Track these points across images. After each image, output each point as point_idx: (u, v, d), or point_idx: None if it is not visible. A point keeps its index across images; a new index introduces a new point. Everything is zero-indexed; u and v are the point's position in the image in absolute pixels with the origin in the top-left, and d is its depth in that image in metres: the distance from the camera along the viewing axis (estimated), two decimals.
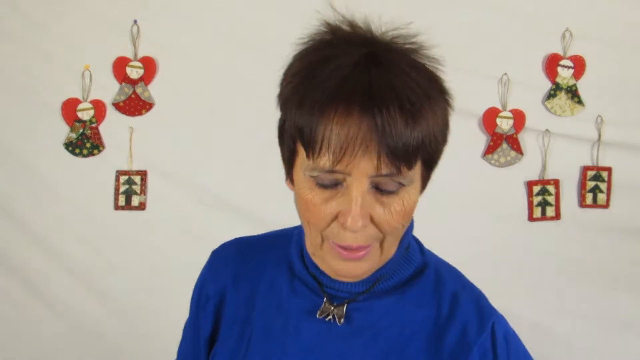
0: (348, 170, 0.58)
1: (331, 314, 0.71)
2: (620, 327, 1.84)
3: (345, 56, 0.59)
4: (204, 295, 0.79)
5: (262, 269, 0.78)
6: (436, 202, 1.83)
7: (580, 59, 1.83)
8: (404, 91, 0.57)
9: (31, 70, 1.80)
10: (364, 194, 0.59)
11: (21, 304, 1.82)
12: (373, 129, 0.56)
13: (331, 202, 0.61)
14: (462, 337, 0.69)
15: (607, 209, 1.83)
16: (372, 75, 0.57)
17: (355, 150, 0.56)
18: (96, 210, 1.82)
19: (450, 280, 0.74)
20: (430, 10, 1.81)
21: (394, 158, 0.57)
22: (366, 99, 0.56)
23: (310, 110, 0.58)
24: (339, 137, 0.56)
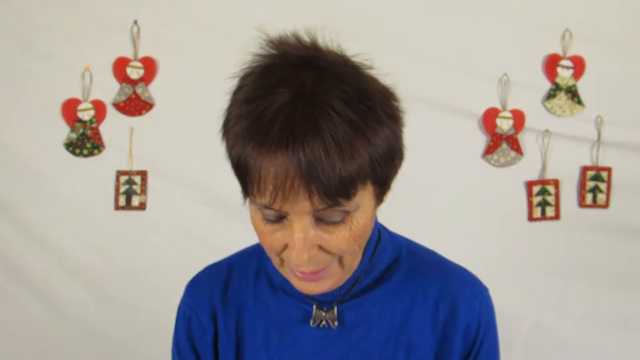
0: (285, 210, 0.59)
1: (324, 320, 0.72)
2: (620, 327, 1.84)
3: (278, 89, 0.58)
4: (198, 327, 0.78)
5: (244, 287, 0.78)
6: (436, 202, 1.84)
7: (580, 59, 1.83)
8: (330, 130, 0.56)
9: (31, 70, 1.80)
10: (307, 228, 0.60)
11: (21, 304, 1.82)
12: (299, 170, 0.56)
13: (279, 233, 0.62)
14: (452, 311, 0.73)
15: (607, 209, 1.83)
16: (297, 117, 0.56)
17: (286, 192, 0.57)
18: (96, 210, 1.82)
19: (429, 259, 0.77)
20: (430, 11, 1.81)
21: (326, 195, 0.57)
22: (291, 141, 0.55)
23: (241, 151, 0.58)
24: (269, 179, 0.57)
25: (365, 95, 0.60)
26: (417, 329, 0.73)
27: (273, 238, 0.62)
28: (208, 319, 0.77)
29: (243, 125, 0.58)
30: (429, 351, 0.73)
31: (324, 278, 0.65)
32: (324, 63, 0.60)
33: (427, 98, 1.80)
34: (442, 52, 1.80)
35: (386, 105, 0.62)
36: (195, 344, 0.79)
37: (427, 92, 1.81)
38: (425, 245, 0.81)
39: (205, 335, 0.77)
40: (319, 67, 0.59)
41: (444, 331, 0.73)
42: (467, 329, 0.73)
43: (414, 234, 1.72)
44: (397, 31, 1.80)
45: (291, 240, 0.61)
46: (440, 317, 0.73)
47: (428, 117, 1.81)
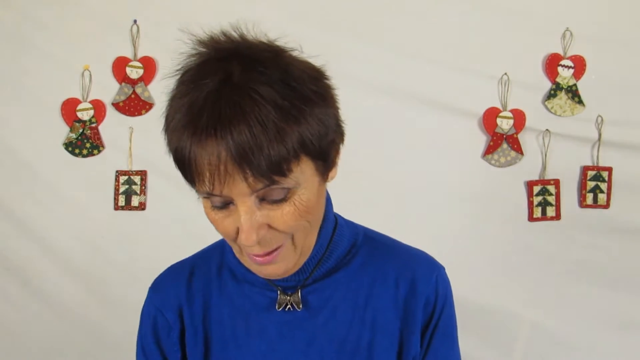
0: (226, 194, 0.61)
1: (289, 303, 0.75)
2: (620, 327, 1.83)
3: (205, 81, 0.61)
4: (164, 325, 0.79)
5: (208, 282, 0.79)
6: (436, 202, 1.84)
7: (581, 59, 1.83)
8: (254, 113, 0.59)
9: (31, 70, 1.80)
10: (251, 209, 0.62)
11: (21, 304, 1.82)
12: (229, 154, 0.58)
13: (229, 219, 0.64)
14: (411, 287, 0.76)
15: (608, 209, 1.83)
16: (222, 104, 0.59)
17: (222, 177, 0.59)
18: (96, 210, 1.82)
19: (386, 242, 0.81)
20: (430, 11, 1.81)
21: (260, 175, 0.59)
22: (219, 127, 0.58)
23: (176, 142, 0.61)
24: (204, 167, 0.60)
25: (290, 76, 0.62)
26: (380, 308, 0.76)
27: (225, 225, 0.65)
28: (174, 316, 0.79)
29: (176, 119, 0.62)
30: (394, 328, 0.76)
31: (279, 259, 0.67)
32: (248, 52, 0.63)
33: (427, 98, 1.80)
34: (442, 52, 1.80)
35: (314, 85, 0.64)
36: (161, 343, 0.79)
37: (427, 92, 1.80)
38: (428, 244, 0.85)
39: (172, 332, 0.79)
40: (243, 57, 0.62)
41: (406, 307, 0.76)
42: (427, 301, 0.76)
43: (414, 233, 1.72)
44: (397, 31, 1.80)
45: (238, 224, 0.63)
46: (400, 295, 0.76)
47: (428, 117, 1.81)
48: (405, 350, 0.76)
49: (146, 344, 0.80)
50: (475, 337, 1.81)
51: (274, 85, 0.60)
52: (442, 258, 0.95)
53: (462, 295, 1.77)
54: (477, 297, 1.81)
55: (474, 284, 1.81)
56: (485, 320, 1.82)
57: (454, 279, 0.82)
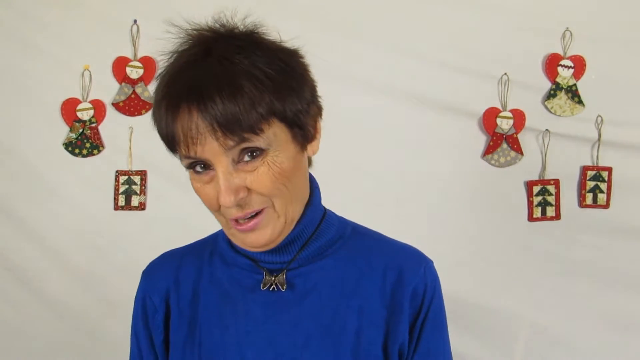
0: (203, 156, 0.66)
1: (274, 284, 0.77)
2: (620, 327, 1.83)
3: (182, 59, 0.69)
4: (151, 307, 0.82)
5: (198, 269, 0.82)
6: (436, 202, 1.83)
7: (581, 59, 1.83)
8: (225, 77, 0.64)
9: (31, 70, 1.80)
10: (227, 170, 0.66)
11: (21, 304, 1.81)
12: (199, 114, 0.64)
13: (209, 185, 0.69)
14: (398, 278, 0.78)
15: (608, 209, 1.83)
16: (192, 71, 0.66)
17: (194, 137, 0.64)
18: (96, 210, 1.82)
19: (374, 236, 0.83)
20: (431, 11, 1.81)
21: (229, 131, 0.64)
22: (190, 92, 0.64)
23: (157, 111, 0.68)
24: (178, 130, 0.65)
25: (264, 50, 0.68)
26: (366, 297, 0.77)
27: (207, 192, 0.69)
28: (159, 299, 0.82)
29: (156, 96, 0.69)
30: (380, 317, 0.76)
31: (262, 226, 0.70)
32: (227, 33, 0.70)
33: (427, 98, 1.80)
34: (442, 52, 1.80)
35: (287, 58, 0.69)
36: (149, 325, 0.83)
37: (427, 92, 1.80)
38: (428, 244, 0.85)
39: (157, 314, 0.82)
40: (222, 36, 0.69)
41: (392, 296, 0.77)
42: (414, 292, 0.77)
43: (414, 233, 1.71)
44: (397, 31, 1.80)
45: (217, 187, 0.67)
46: (387, 285, 0.77)
47: (428, 117, 1.81)
48: (392, 338, 0.76)
49: (137, 326, 0.84)
50: (475, 337, 1.81)
51: (248, 56, 0.66)
52: (442, 258, 0.95)
53: (462, 295, 1.79)
54: (477, 297, 1.81)
55: (473, 283, 1.81)
56: (485, 320, 1.82)
57: (454, 279, 0.82)
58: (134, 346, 0.85)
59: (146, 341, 0.83)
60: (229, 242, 0.81)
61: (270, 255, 0.77)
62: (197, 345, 0.78)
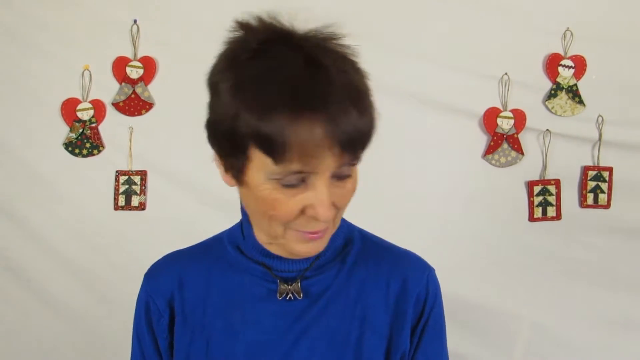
0: (311, 170, 0.62)
1: (290, 292, 0.76)
2: (620, 327, 1.83)
3: (287, 62, 0.62)
4: (155, 312, 0.80)
5: (205, 274, 0.80)
6: (436, 202, 1.83)
7: (581, 59, 1.82)
8: (351, 87, 0.63)
9: (31, 70, 1.80)
10: (329, 186, 0.65)
11: (21, 304, 1.81)
12: (327, 130, 0.60)
13: (297, 198, 0.65)
14: (402, 286, 0.78)
15: (608, 209, 1.83)
16: (316, 81, 0.61)
17: (315, 152, 0.61)
18: (96, 210, 1.82)
19: (379, 242, 0.83)
20: (431, 11, 1.81)
21: (353, 149, 0.63)
22: (324, 102, 0.60)
23: (273, 120, 0.60)
24: (305, 141, 0.60)
25: (355, 64, 0.66)
26: (370, 304, 0.77)
27: (290, 204, 0.65)
28: (164, 304, 0.79)
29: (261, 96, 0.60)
30: (383, 324, 0.77)
31: (323, 237, 0.70)
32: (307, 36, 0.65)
33: (427, 98, 1.80)
34: (443, 52, 1.80)
35: (367, 76, 0.68)
36: (153, 328, 0.81)
37: (428, 92, 1.80)
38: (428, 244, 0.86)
39: (162, 319, 0.80)
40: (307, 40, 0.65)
41: (397, 304, 0.78)
42: (417, 299, 0.78)
43: (414, 233, 1.71)
44: (397, 31, 1.80)
45: (313, 200, 0.64)
46: (391, 293, 0.78)
47: (428, 117, 1.81)
48: (394, 346, 0.77)
49: (140, 329, 0.82)
50: (475, 337, 1.81)
51: (351, 66, 0.65)
52: (442, 258, 0.95)
53: (463, 295, 1.79)
54: (477, 297, 1.81)
55: (474, 283, 1.81)
56: (485, 320, 1.82)
57: (454, 279, 0.82)
58: (136, 349, 0.83)
59: (150, 345, 0.81)
60: (237, 248, 0.79)
61: (288, 263, 0.76)
62: (202, 352, 0.77)
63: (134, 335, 0.83)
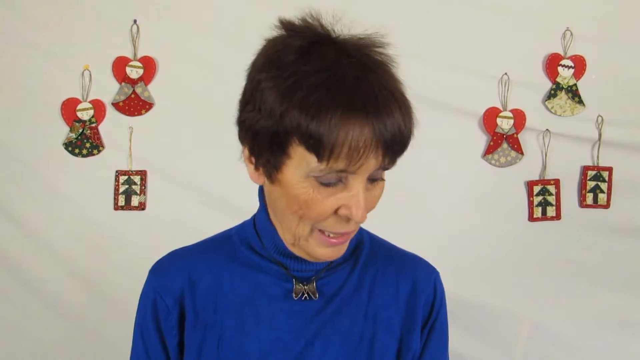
0: (354, 170, 0.63)
1: (306, 293, 0.76)
2: (620, 327, 1.83)
3: (336, 64, 0.63)
4: (163, 309, 0.78)
5: (216, 271, 0.79)
6: (436, 202, 1.83)
7: (581, 59, 1.83)
8: (397, 93, 0.65)
9: (31, 70, 1.80)
10: (365, 187, 0.66)
11: (21, 304, 1.81)
12: (382, 131, 0.62)
13: (332, 197, 0.65)
14: (412, 287, 0.80)
15: (608, 209, 1.83)
16: (369, 85, 0.63)
17: (362, 154, 0.62)
18: (96, 210, 1.82)
19: (387, 245, 0.85)
20: (431, 10, 1.81)
21: (394, 154, 0.65)
22: (374, 104, 0.62)
23: (324, 118, 0.61)
24: (354, 141, 0.61)
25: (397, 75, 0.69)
26: (381, 304, 0.79)
27: (325, 203, 0.65)
28: (173, 301, 0.78)
29: (316, 96, 0.61)
30: (395, 325, 0.78)
31: (345, 242, 0.71)
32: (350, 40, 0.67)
33: (427, 98, 1.80)
34: (442, 52, 1.80)
35: None
36: (161, 326, 0.79)
37: (428, 92, 1.80)
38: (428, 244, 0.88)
39: (170, 316, 0.78)
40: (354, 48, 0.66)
41: (407, 304, 0.79)
42: (426, 301, 0.80)
43: (415, 233, 1.71)
44: (397, 31, 1.79)
45: (349, 200, 0.65)
46: (401, 294, 0.80)
47: (428, 117, 1.80)
48: (405, 347, 0.78)
49: (145, 326, 0.80)
50: (475, 337, 1.81)
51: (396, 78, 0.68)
52: (442, 258, 0.95)
53: (463, 295, 1.79)
54: (477, 297, 1.81)
55: (474, 283, 1.81)
56: (485, 320, 1.82)
57: (454, 279, 0.83)
58: (139, 348, 0.81)
59: (157, 343, 0.80)
60: (250, 246, 0.79)
61: (306, 264, 0.76)
62: (214, 350, 0.76)
63: (136, 334, 0.81)
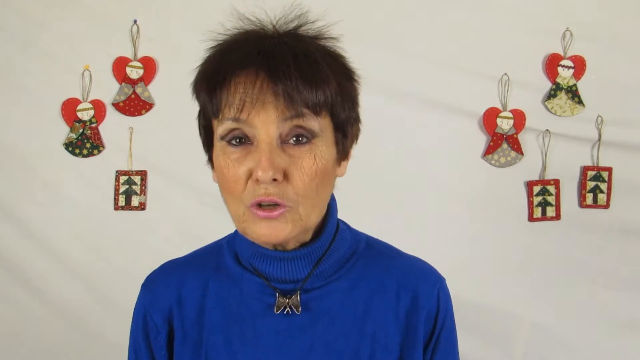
0: (253, 122, 0.62)
1: (288, 306, 0.72)
2: (620, 327, 1.83)
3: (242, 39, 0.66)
4: (152, 328, 0.77)
5: (203, 285, 0.77)
6: (436, 202, 1.83)
7: (581, 59, 1.83)
8: (299, 48, 0.64)
9: (31, 70, 1.80)
10: (273, 146, 0.63)
11: (21, 304, 1.81)
12: (270, 82, 0.62)
13: (243, 161, 0.64)
14: (413, 301, 0.75)
15: (608, 209, 1.83)
16: (265, 44, 0.64)
17: (253, 99, 0.61)
18: (96, 210, 1.82)
19: (387, 252, 0.79)
20: (431, 11, 1.81)
21: (293, 102, 0.62)
22: (260, 59, 0.62)
23: (215, 79, 0.64)
24: (241, 92, 0.62)
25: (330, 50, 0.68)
26: (380, 321, 0.74)
27: (237, 168, 0.64)
28: (161, 320, 0.77)
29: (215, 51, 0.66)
30: (394, 342, 0.73)
31: (282, 219, 0.65)
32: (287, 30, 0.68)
33: (427, 98, 1.80)
34: (442, 52, 1.80)
35: (347, 63, 0.69)
36: (151, 343, 0.78)
37: (428, 92, 1.80)
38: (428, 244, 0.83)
39: (159, 335, 0.77)
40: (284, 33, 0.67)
41: (407, 320, 0.74)
42: (428, 315, 0.75)
43: (414, 233, 1.72)
44: (397, 31, 1.80)
45: (257, 160, 0.63)
46: (402, 308, 0.74)
47: (428, 117, 1.81)
48: None
49: (137, 342, 0.79)
50: (475, 337, 1.81)
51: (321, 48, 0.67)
52: (442, 258, 0.95)
53: (462, 295, 1.78)
54: (477, 297, 1.81)
55: (474, 284, 1.81)
56: (485, 320, 1.82)
57: (454, 279, 0.82)
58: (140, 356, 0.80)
59: (147, 358, 0.79)
60: (235, 257, 0.76)
61: (283, 271, 0.72)
62: None
63: (130, 348, 0.81)
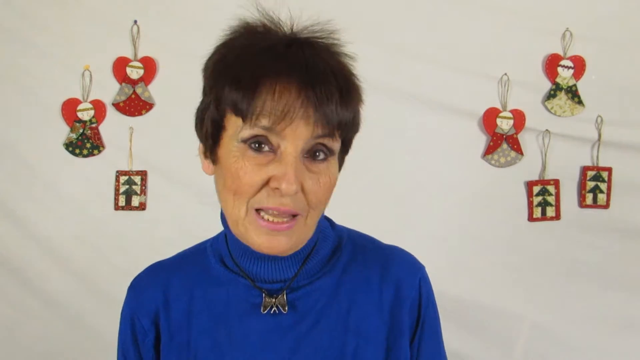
0: (284, 133, 0.62)
1: (274, 306, 0.72)
2: (620, 327, 1.84)
3: (276, 40, 0.64)
4: (140, 330, 0.77)
5: (189, 287, 0.77)
6: (436, 202, 1.83)
7: (581, 59, 1.83)
8: (339, 71, 0.64)
9: (31, 70, 1.80)
10: (297, 160, 0.62)
11: (21, 304, 1.81)
12: (312, 99, 0.61)
13: (263, 167, 0.63)
14: (396, 292, 0.75)
15: (607, 209, 1.83)
16: (306, 55, 0.63)
17: (293, 115, 0.61)
18: (96, 210, 1.82)
19: (367, 246, 0.80)
20: (431, 11, 1.81)
21: (328, 123, 0.62)
22: (304, 73, 0.61)
23: (249, 78, 0.62)
24: (279, 104, 0.61)
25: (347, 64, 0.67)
26: (363, 314, 0.74)
27: (254, 172, 0.63)
28: (149, 323, 0.77)
29: (247, 61, 0.63)
30: (379, 334, 0.74)
31: (288, 233, 0.65)
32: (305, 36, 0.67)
33: (427, 98, 1.80)
34: (442, 52, 1.80)
35: (357, 79, 0.68)
36: (139, 345, 0.78)
37: (428, 92, 1.80)
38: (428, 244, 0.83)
39: (147, 338, 0.77)
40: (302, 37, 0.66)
41: (392, 312, 0.75)
42: (412, 304, 0.76)
43: (414, 233, 1.71)
44: (397, 31, 1.80)
45: (280, 170, 0.62)
46: (385, 300, 0.75)
47: (428, 117, 1.81)
48: (394, 357, 0.74)
49: (125, 345, 0.79)
50: (475, 337, 1.81)
51: (348, 66, 0.66)
52: (442, 258, 0.95)
53: (463, 295, 1.79)
54: (477, 297, 1.81)
55: (474, 284, 1.81)
56: (485, 320, 1.82)
57: (454, 278, 0.82)
58: None
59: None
60: (220, 259, 0.76)
61: (270, 272, 0.72)
62: None
63: (119, 350, 0.81)
